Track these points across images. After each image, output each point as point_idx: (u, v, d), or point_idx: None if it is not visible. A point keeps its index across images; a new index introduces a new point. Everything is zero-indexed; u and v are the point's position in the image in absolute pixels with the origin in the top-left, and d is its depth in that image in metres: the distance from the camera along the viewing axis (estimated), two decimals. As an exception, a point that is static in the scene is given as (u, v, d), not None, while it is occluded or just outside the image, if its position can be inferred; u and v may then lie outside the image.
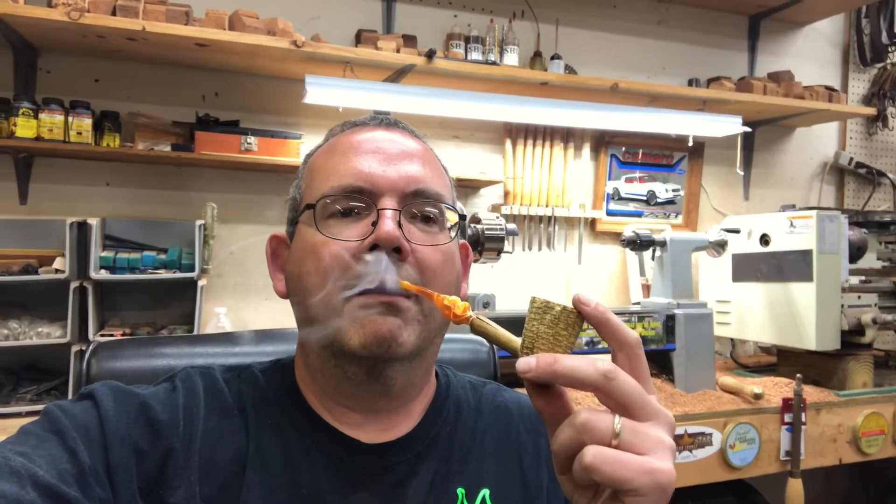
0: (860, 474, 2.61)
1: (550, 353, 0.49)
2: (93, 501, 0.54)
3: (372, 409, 0.68)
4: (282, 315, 2.19)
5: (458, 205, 0.74)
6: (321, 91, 1.93)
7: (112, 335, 1.79)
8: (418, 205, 0.66)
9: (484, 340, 0.94)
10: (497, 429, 0.73)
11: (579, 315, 0.49)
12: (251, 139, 2.00)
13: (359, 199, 0.65)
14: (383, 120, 0.73)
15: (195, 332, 1.89)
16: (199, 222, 1.92)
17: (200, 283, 1.90)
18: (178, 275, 1.87)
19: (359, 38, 2.16)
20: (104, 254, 1.82)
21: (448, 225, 0.68)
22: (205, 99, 2.11)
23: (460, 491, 0.67)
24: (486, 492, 0.68)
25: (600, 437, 0.45)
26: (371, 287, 0.62)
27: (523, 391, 0.56)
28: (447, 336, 0.71)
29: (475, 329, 0.55)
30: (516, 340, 0.52)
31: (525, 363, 0.48)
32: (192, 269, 1.89)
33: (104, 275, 1.79)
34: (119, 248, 1.88)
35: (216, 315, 2.00)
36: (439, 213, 0.67)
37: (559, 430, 0.47)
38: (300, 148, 2.09)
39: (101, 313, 1.87)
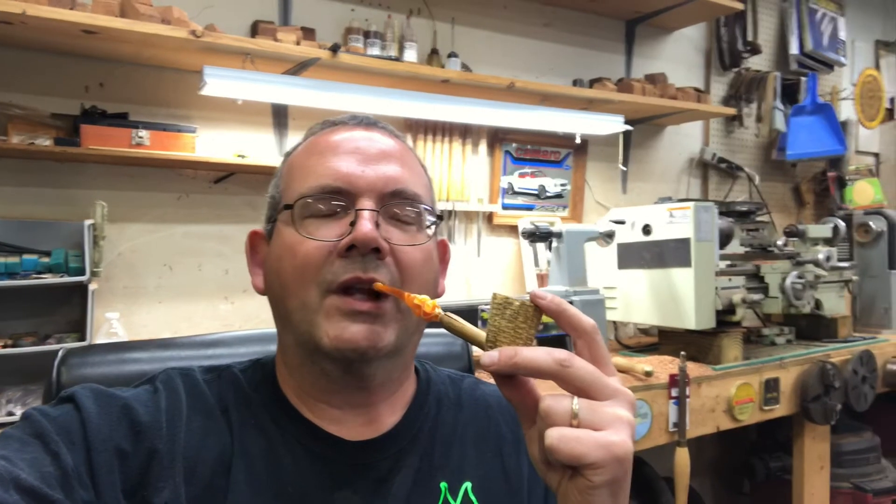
0: (726, 439, 2.90)
1: (512, 345, 0.53)
2: None
3: (351, 403, 0.68)
4: (178, 319, 2.10)
5: (436, 203, 0.76)
6: (221, 83, 1.85)
7: (-8, 347, 1.63)
8: (397, 205, 0.67)
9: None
10: (477, 422, 0.75)
11: (537, 308, 0.53)
12: (143, 133, 1.89)
13: (337, 200, 0.66)
14: (362, 119, 0.73)
15: (87, 340, 1.77)
16: (87, 222, 1.79)
17: (91, 287, 1.78)
18: (67, 279, 1.73)
19: (255, 29, 2.10)
20: (-22, 258, 1.66)
21: (426, 224, 0.70)
22: (88, 90, 1.96)
23: (443, 485, 0.69)
24: (468, 485, 0.70)
25: (560, 418, 0.48)
26: (346, 288, 0.63)
27: None
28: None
29: (444, 325, 0.59)
30: (482, 335, 0.56)
31: (489, 357, 0.51)
32: (81, 272, 1.76)
33: (-19, 281, 1.63)
34: (-6, 252, 1.71)
35: (108, 321, 1.87)
36: (417, 213, 0.69)
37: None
38: (195, 142, 2.00)
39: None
